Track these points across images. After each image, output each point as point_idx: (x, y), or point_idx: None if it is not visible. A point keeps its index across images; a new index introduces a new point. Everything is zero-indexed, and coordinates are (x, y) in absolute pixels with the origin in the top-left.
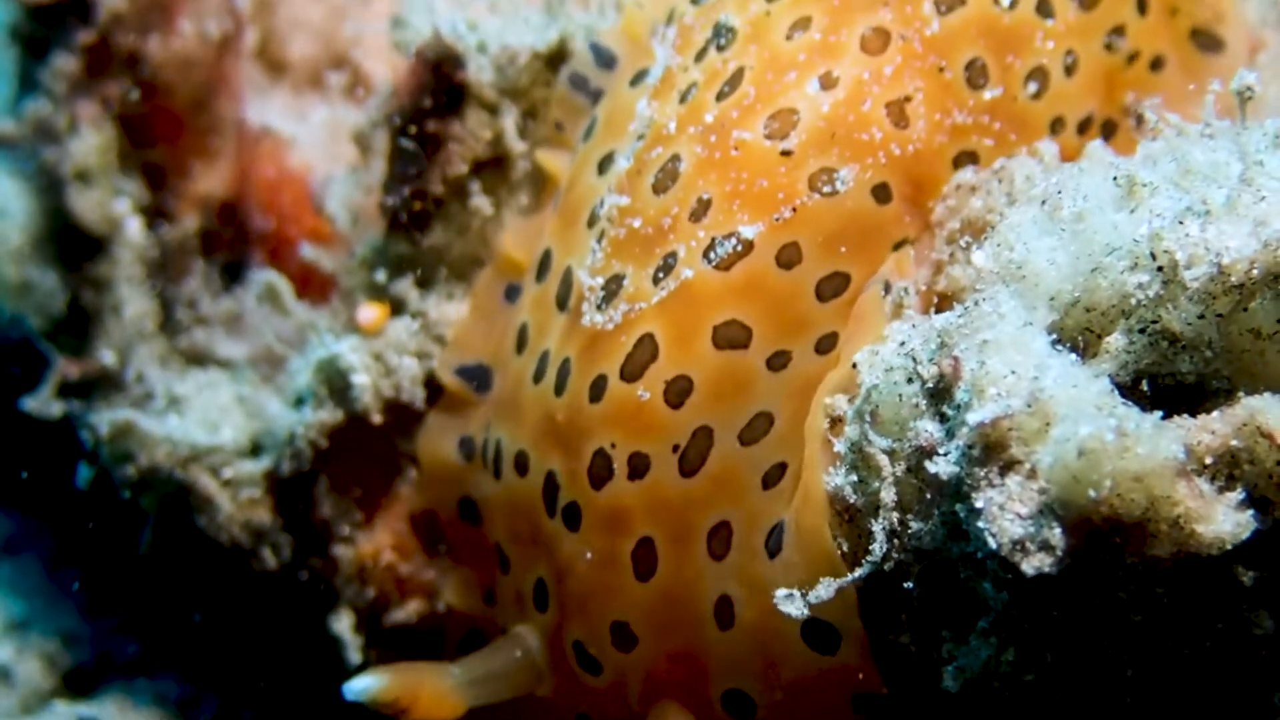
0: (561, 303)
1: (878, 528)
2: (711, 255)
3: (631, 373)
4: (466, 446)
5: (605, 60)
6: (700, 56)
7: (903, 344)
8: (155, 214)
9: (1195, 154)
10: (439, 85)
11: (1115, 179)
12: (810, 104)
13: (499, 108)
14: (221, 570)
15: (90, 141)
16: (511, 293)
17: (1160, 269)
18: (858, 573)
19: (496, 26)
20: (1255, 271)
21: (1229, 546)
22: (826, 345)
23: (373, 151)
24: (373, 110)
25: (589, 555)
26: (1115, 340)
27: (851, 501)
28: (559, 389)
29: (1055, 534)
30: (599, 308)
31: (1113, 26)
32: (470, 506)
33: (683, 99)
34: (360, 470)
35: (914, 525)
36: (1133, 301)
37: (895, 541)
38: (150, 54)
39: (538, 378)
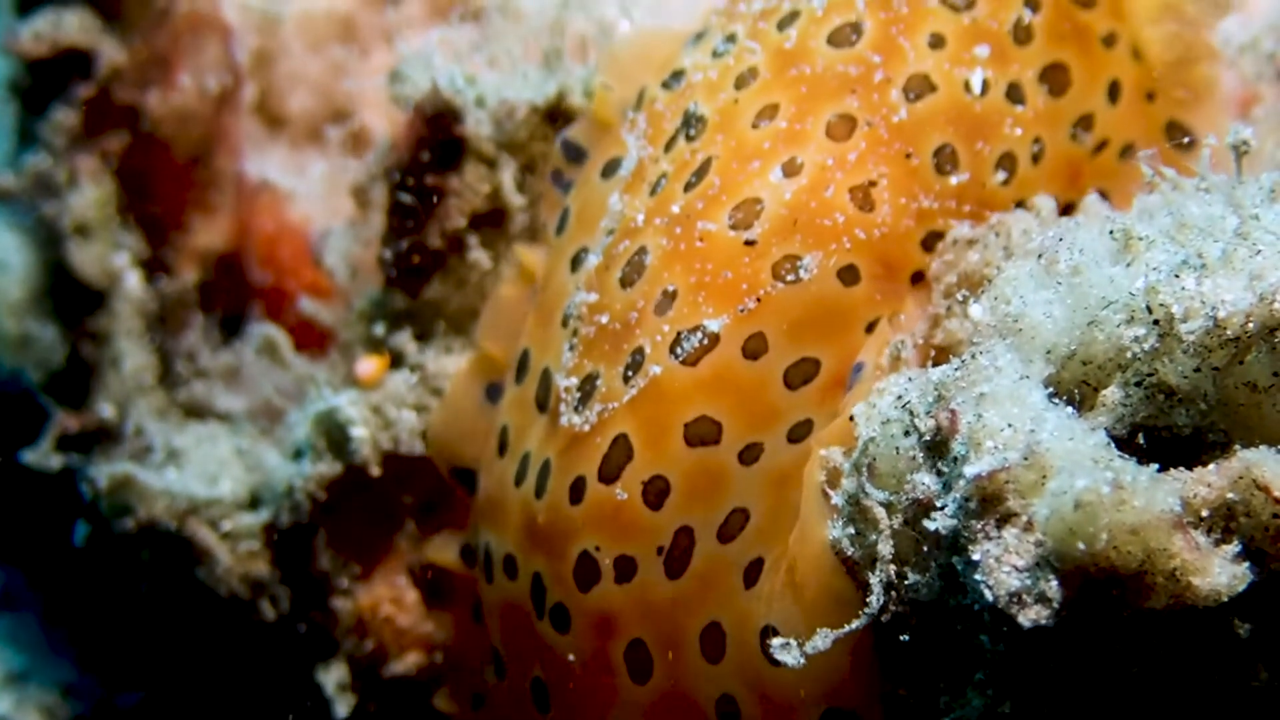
0: (541, 404)
1: (875, 580)
2: (678, 350)
3: (609, 474)
4: (468, 555)
5: (575, 155)
6: (670, 146)
7: (899, 397)
8: (154, 267)
9: (1191, 208)
10: (437, 139)
11: (1111, 232)
12: (773, 192)
13: (497, 162)
14: (221, 621)
15: (89, 195)
16: (493, 392)
17: (1156, 322)
18: (855, 624)
19: (494, 81)
20: (1251, 325)
21: (1225, 599)
22: (799, 433)
23: (371, 205)
24: (371, 164)
25: (581, 657)
26: (1112, 393)
27: (849, 554)
28: (539, 491)
29: (1052, 586)
30: (576, 409)
31: (1080, 115)
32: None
33: (653, 191)
34: (359, 523)
35: (911, 577)
36: (1129, 355)
37: (893, 593)
38: (150, 108)
39: (519, 480)
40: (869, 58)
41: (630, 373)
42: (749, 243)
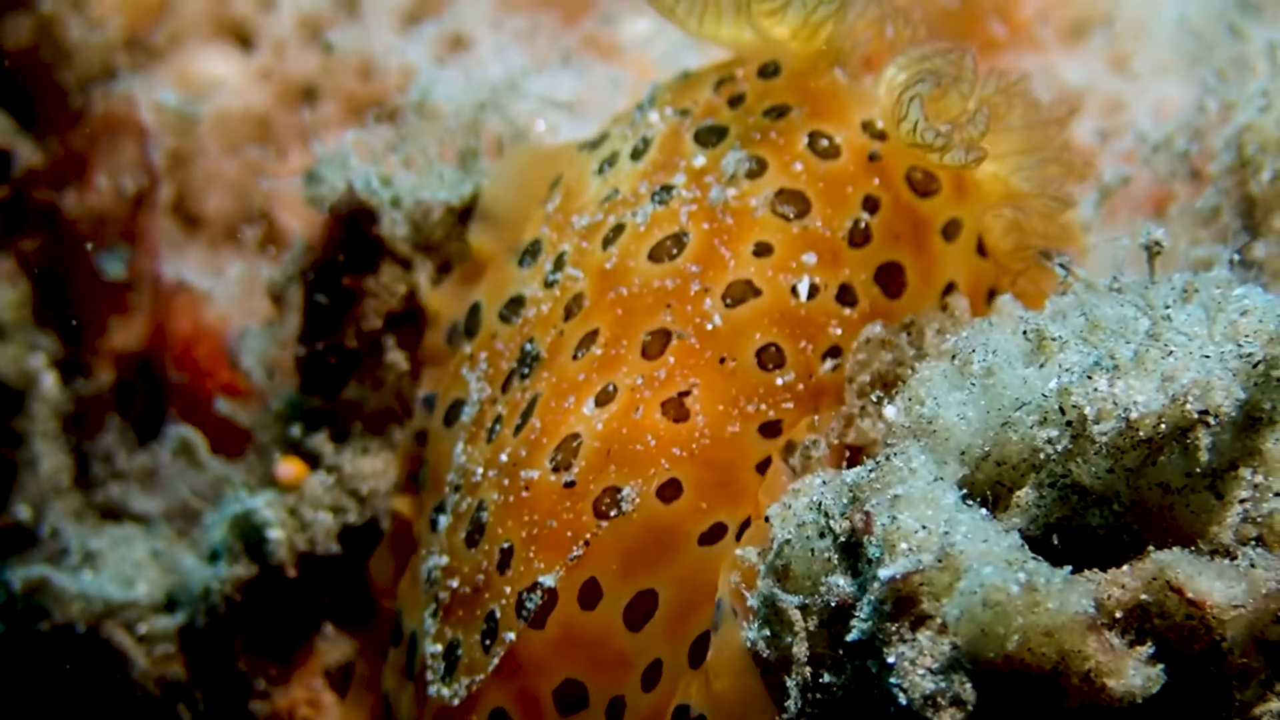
0: (409, 671)
1: (791, 683)
2: (523, 612)
3: None
4: None
5: (428, 402)
6: (506, 386)
7: (814, 499)
8: (71, 368)
9: (1104, 309)
10: (353, 240)
11: (1025, 333)
12: (588, 426)
13: (413, 262)
14: None
15: (5, 297)
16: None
17: (1069, 424)
18: None
19: (410, 181)
20: (1163, 426)
21: (1140, 700)
22: (652, 676)
23: (288, 306)
24: (287, 265)
25: None
26: (1026, 494)
27: (765, 655)
28: None
29: (966, 689)
30: (443, 679)
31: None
32: None
33: (489, 438)
34: (276, 625)
35: (826, 678)
36: (1042, 456)
37: (808, 695)
38: (66, 209)
39: None
40: (687, 269)
41: (488, 641)
42: (568, 485)
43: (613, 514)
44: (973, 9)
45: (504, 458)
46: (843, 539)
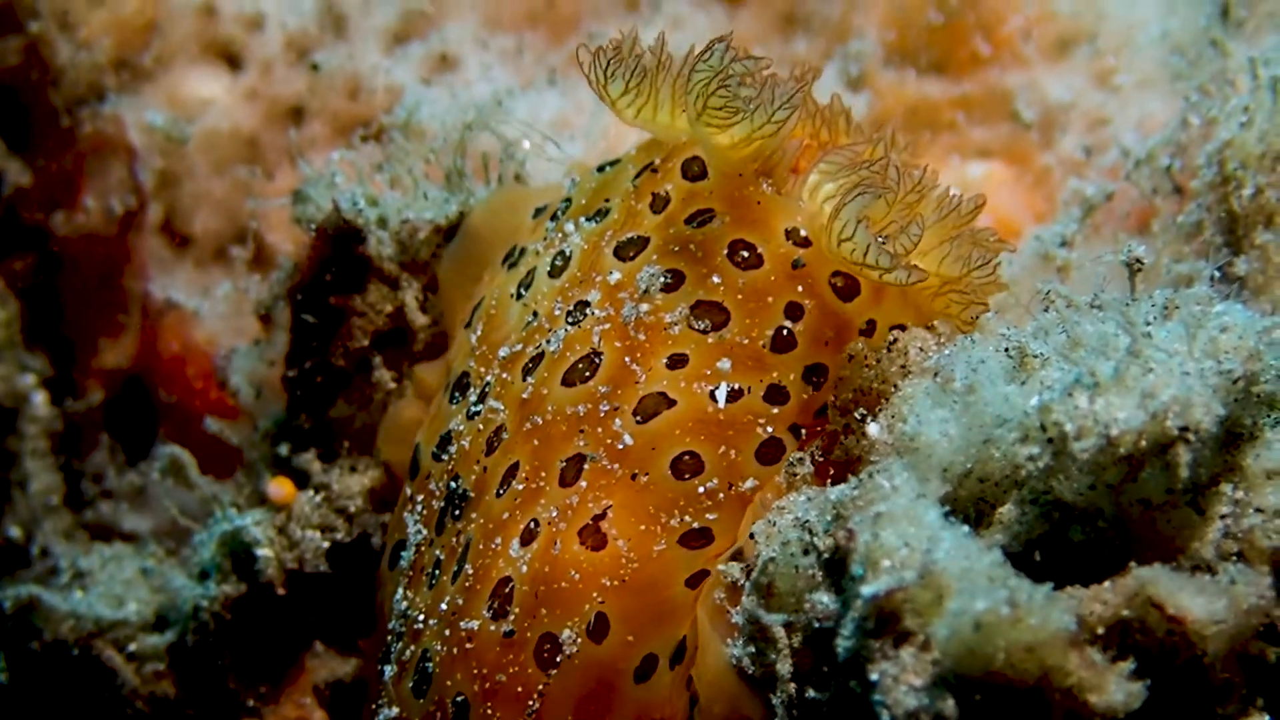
0: None
1: (776, 701)
2: None
3: None
4: None
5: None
6: (440, 527)
7: (798, 517)
8: (61, 388)
9: (1085, 326)
10: (340, 259)
11: (1007, 350)
12: (515, 569)
13: (400, 281)
14: None
15: None
16: None
17: (1050, 441)
18: None
19: (396, 201)
20: (1144, 443)
21: (1122, 715)
22: None
23: (275, 325)
24: (275, 284)
25: None
26: (1008, 511)
27: (749, 672)
28: None
29: (948, 705)
30: None
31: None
32: None
33: (429, 584)
34: (266, 643)
35: (811, 695)
36: (1024, 473)
37: (794, 713)
38: (55, 229)
39: None
40: (597, 391)
41: None
42: (508, 635)
43: (557, 660)
44: (957, 26)
45: (444, 606)
46: (826, 556)
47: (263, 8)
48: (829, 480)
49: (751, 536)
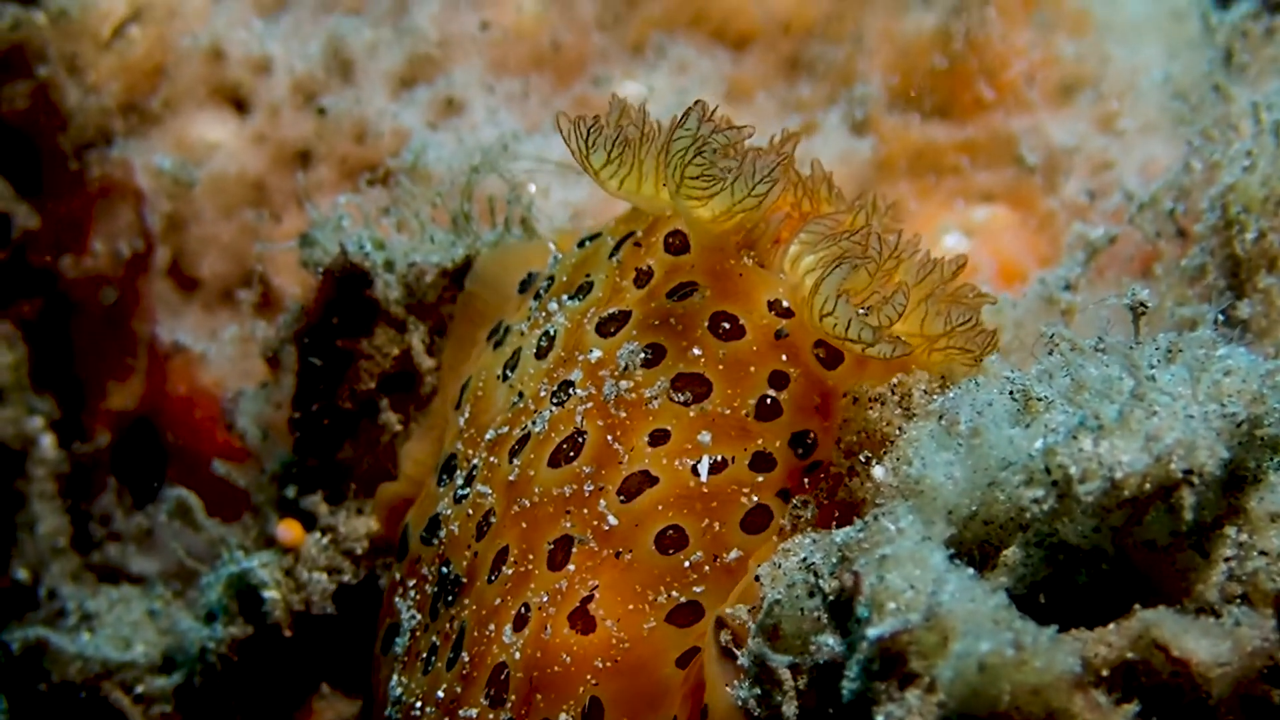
0: None
1: None
2: None
3: None
4: None
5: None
6: (434, 613)
7: (804, 558)
8: (68, 430)
9: (1089, 369)
10: (347, 302)
11: (1011, 393)
12: (508, 655)
13: (407, 324)
14: None
15: (3, 359)
16: None
17: (1055, 484)
18: None
19: (403, 244)
20: (1148, 485)
21: None
22: None
23: (282, 368)
24: (282, 327)
25: None
26: (1013, 553)
27: (755, 714)
28: None
29: None
30: None
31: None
32: None
33: (425, 669)
34: (273, 685)
35: None
36: (1029, 515)
37: None
38: (63, 272)
39: None
40: (582, 472)
41: None
42: None
43: None
44: (961, 70)
45: (441, 694)
46: (832, 598)
47: (270, 52)
48: (833, 523)
49: (757, 579)
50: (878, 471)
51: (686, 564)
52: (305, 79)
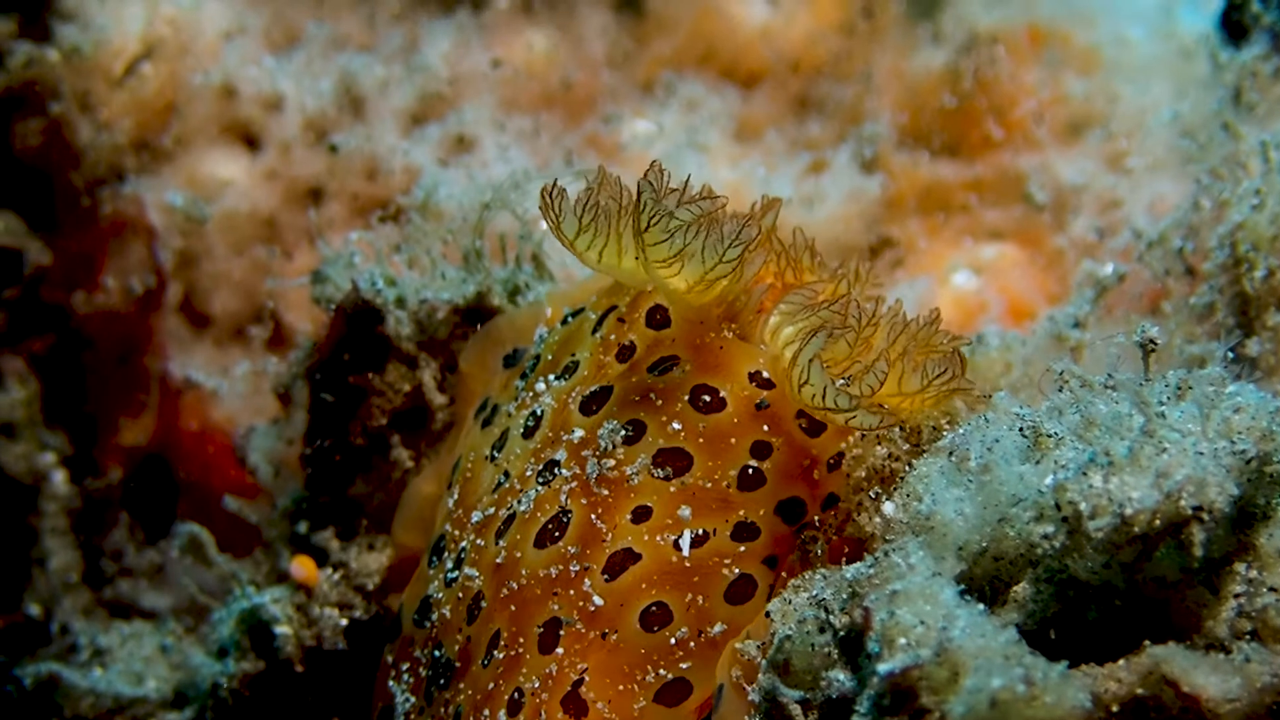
0: None
1: None
2: None
3: None
4: None
5: None
6: (429, 697)
7: (814, 594)
8: (80, 466)
9: (1099, 406)
10: (358, 339)
11: (1021, 430)
12: None
13: (418, 360)
14: None
15: (15, 396)
16: None
17: (1065, 520)
18: None
19: (415, 281)
20: (1158, 522)
21: None
22: None
23: (294, 404)
24: (294, 363)
25: None
26: (1023, 589)
27: None
28: None
29: None
30: None
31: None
32: None
33: None
34: None
35: None
36: (1039, 551)
37: None
38: (75, 308)
39: None
40: (567, 552)
41: None
42: None
43: None
44: (970, 109)
45: None
46: (842, 634)
47: (282, 89)
48: (843, 558)
49: (767, 614)
50: (888, 507)
51: (672, 640)
52: (317, 116)
